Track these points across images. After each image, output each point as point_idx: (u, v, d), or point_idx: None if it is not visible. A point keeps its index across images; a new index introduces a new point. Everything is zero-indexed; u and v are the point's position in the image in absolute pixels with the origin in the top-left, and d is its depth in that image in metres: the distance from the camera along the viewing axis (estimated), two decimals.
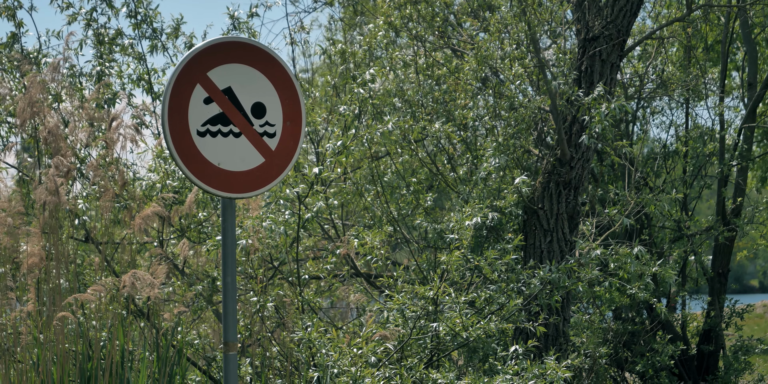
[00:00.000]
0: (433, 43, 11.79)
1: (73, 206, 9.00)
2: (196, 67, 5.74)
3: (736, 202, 13.13)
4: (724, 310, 13.29)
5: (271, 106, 5.92)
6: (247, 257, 9.34)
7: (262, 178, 5.91)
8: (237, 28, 12.50)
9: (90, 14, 12.14)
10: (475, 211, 9.05)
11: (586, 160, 9.96)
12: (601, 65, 10.03)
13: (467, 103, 10.80)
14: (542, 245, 9.87)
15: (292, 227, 9.35)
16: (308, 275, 9.89)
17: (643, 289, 8.84)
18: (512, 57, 10.30)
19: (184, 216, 10.40)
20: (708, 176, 13.37)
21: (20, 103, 8.35)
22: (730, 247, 13.46)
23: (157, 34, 12.21)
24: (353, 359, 7.78)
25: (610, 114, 9.21)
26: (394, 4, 11.57)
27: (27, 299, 8.06)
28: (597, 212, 10.09)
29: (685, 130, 13.52)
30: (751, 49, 13.98)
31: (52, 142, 8.22)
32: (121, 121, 8.69)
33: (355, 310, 11.54)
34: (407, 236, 10.70)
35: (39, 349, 7.92)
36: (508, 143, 10.20)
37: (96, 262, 8.69)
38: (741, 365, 12.66)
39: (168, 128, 5.64)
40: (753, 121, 13.46)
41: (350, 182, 10.78)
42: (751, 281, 64.99)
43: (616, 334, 11.59)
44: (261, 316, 9.18)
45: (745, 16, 13.73)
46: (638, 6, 10.17)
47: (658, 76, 12.99)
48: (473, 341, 8.24)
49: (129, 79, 12.13)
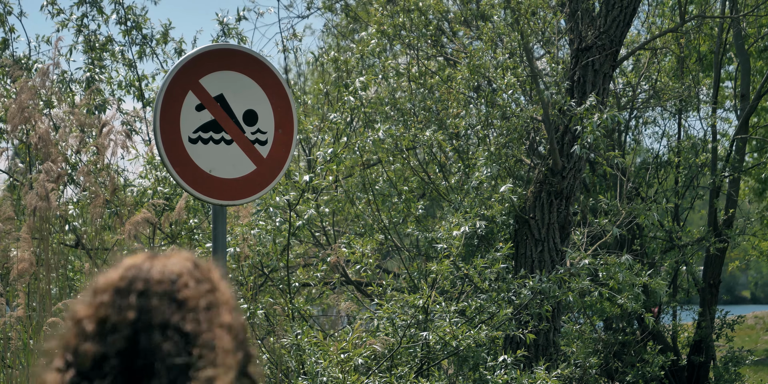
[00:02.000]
0: (426, 51, 11.80)
1: (64, 212, 8.98)
2: (188, 74, 5.73)
3: (728, 213, 13.15)
4: (715, 321, 13.31)
5: (262, 114, 5.92)
6: (238, 264, 9.33)
7: (253, 185, 5.90)
8: (226, 34, 12.50)
9: (81, 20, 12.14)
10: (462, 220, 9.05)
11: (578, 170, 9.96)
12: (594, 75, 10.04)
13: (459, 112, 10.81)
14: (533, 255, 9.87)
15: (282, 235, 9.34)
16: (299, 283, 9.88)
17: (632, 299, 8.83)
18: (505, 66, 10.31)
19: (174, 222, 10.38)
20: (700, 187, 13.39)
21: (11, 109, 8.34)
22: (722, 258, 13.48)
23: (147, 40, 12.21)
24: (340, 365, 7.77)
25: (603, 124, 9.22)
26: (388, 12, 11.58)
27: (17, 304, 8.04)
28: (589, 222, 10.09)
29: (677, 140, 13.54)
30: (743, 60, 14.01)
31: (43, 147, 8.21)
32: (112, 127, 8.68)
33: (346, 318, 11.52)
34: (398, 244, 10.69)
35: (29, 355, 7.90)
36: (500, 152, 10.20)
37: (86, 268, 8.67)
38: (731, 376, 12.66)
39: (160, 135, 5.64)
40: (745, 132, 13.48)
41: (341, 190, 10.78)
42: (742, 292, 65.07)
43: (607, 344, 11.58)
44: (251, 323, 9.17)
45: (738, 28, 13.77)
46: (631, 16, 10.18)
47: (650, 86, 13.02)
48: (463, 350, 8.23)
49: (119, 85, 12.13)
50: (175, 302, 1.91)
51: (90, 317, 1.91)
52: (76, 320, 1.93)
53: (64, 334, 1.93)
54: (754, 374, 17.04)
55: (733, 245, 13.65)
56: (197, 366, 1.86)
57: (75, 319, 1.93)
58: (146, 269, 1.95)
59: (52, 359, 1.92)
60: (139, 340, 1.87)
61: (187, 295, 1.92)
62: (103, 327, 1.89)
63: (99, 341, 1.88)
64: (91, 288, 1.98)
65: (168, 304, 1.90)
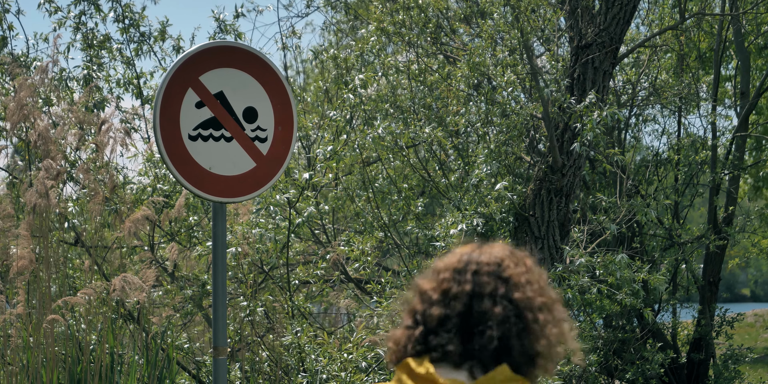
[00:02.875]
0: (425, 49, 11.79)
1: (63, 209, 8.98)
2: (188, 71, 5.73)
3: (728, 211, 13.15)
4: (714, 318, 13.30)
5: (262, 111, 5.91)
6: (237, 262, 9.33)
7: (253, 182, 5.89)
8: (224, 31, 12.48)
9: (78, 18, 12.13)
10: (459, 218, 9.04)
11: (578, 167, 9.96)
12: (594, 73, 10.04)
13: (459, 110, 10.80)
14: (533, 252, 9.84)
15: (282, 232, 9.33)
16: (298, 280, 9.87)
17: (631, 295, 8.83)
18: (505, 64, 10.30)
19: (174, 220, 10.38)
20: (700, 185, 13.38)
21: (10, 106, 8.34)
22: (722, 255, 13.47)
23: (144, 37, 12.21)
24: (343, 364, 7.77)
25: (602, 121, 9.22)
26: (387, 10, 11.57)
27: (16, 302, 8.04)
28: (588, 220, 10.09)
29: (677, 138, 13.53)
30: (743, 58, 14.00)
31: (42, 145, 8.20)
32: (111, 124, 8.68)
33: (346, 316, 11.52)
34: (398, 242, 10.68)
35: (29, 352, 7.90)
36: (500, 150, 10.19)
37: (86, 265, 8.67)
38: (731, 374, 12.67)
39: (159, 132, 5.63)
40: (745, 130, 13.48)
41: (341, 187, 10.77)
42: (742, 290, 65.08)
43: (606, 341, 11.58)
44: (251, 320, 9.17)
45: (738, 25, 13.76)
46: (631, 14, 10.17)
47: (650, 84, 13.01)
48: None
49: (117, 83, 12.12)
50: (501, 279, 2.59)
51: (434, 289, 2.61)
52: (422, 291, 2.64)
53: (410, 301, 2.66)
54: (754, 372, 17.05)
55: (732, 243, 13.64)
56: (533, 327, 2.55)
57: (420, 291, 2.64)
58: (477, 255, 2.64)
59: (397, 321, 2.67)
60: (473, 305, 2.56)
61: (510, 274, 2.59)
62: (446, 296, 2.59)
63: (443, 306, 2.58)
64: (432, 268, 2.67)
65: (495, 280, 2.58)
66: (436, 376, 2.53)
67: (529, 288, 2.59)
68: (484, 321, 2.54)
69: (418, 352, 2.59)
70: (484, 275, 2.59)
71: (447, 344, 2.55)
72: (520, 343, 2.54)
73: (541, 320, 2.57)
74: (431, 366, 2.55)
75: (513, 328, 2.53)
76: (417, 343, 2.59)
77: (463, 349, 2.54)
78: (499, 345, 2.53)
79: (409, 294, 2.68)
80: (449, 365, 2.55)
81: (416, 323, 2.61)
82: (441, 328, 2.57)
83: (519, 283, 2.58)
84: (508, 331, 2.53)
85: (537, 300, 2.58)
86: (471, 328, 2.55)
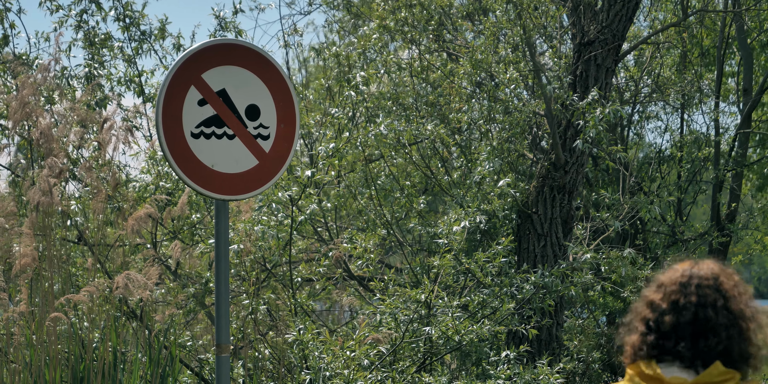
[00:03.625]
0: (428, 46, 11.78)
1: (66, 207, 8.98)
2: (190, 68, 5.72)
3: (731, 208, 13.13)
4: None
5: (265, 109, 5.91)
6: (240, 259, 9.32)
7: (255, 180, 5.89)
8: (224, 28, 12.47)
9: (80, 16, 12.13)
10: (462, 215, 9.03)
11: (581, 164, 9.95)
12: (597, 70, 10.02)
13: (462, 107, 10.79)
14: (536, 249, 9.86)
15: (284, 230, 9.33)
16: (301, 278, 9.87)
17: (635, 293, 8.83)
18: (507, 61, 10.29)
19: (176, 218, 10.38)
20: (703, 181, 13.36)
21: (12, 105, 8.33)
22: (725, 252, 13.45)
23: (145, 36, 12.21)
24: (346, 362, 7.77)
25: (605, 118, 9.21)
26: (389, 7, 11.55)
27: (19, 300, 8.04)
28: (591, 217, 10.08)
29: (680, 135, 13.52)
30: (746, 55, 13.98)
31: (45, 143, 8.20)
32: (113, 122, 8.68)
33: (349, 313, 11.52)
34: (400, 239, 10.68)
35: (31, 350, 7.90)
36: (503, 147, 10.19)
37: (89, 263, 8.67)
38: None
39: (162, 130, 5.63)
40: (748, 127, 13.46)
41: (344, 185, 10.77)
42: None
43: (610, 338, 11.57)
44: (254, 318, 9.17)
45: (740, 22, 13.74)
46: (634, 11, 10.16)
47: (653, 80, 12.99)
48: (466, 345, 8.23)
49: (119, 81, 12.12)
50: (719, 291, 3.05)
51: (662, 300, 3.07)
52: (649, 302, 3.09)
53: (640, 311, 3.11)
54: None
55: (735, 240, 13.62)
56: (747, 333, 3.01)
57: (648, 301, 3.10)
58: (696, 270, 3.10)
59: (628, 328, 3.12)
60: (698, 314, 3.01)
61: (726, 287, 3.06)
62: (676, 306, 3.04)
63: (674, 315, 3.03)
64: (656, 281, 3.14)
65: (714, 292, 3.05)
66: (662, 375, 3.01)
67: (741, 299, 3.07)
68: (711, 328, 3.00)
69: (653, 355, 3.05)
70: (706, 288, 3.06)
71: (681, 347, 3.01)
72: (738, 346, 3.00)
73: (752, 327, 3.04)
74: (658, 367, 3.02)
75: (734, 334, 3.00)
76: (651, 347, 3.05)
77: (694, 351, 3.01)
78: (722, 348, 2.99)
79: (638, 304, 3.16)
80: (679, 365, 3.02)
81: (649, 330, 3.07)
82: (674, 334, 3.03)
83: (733, 296, 3.06)
84: (730, 337, 3.00)
85: (747, 310, 3.06)
86: (699, 333, 3.01)
